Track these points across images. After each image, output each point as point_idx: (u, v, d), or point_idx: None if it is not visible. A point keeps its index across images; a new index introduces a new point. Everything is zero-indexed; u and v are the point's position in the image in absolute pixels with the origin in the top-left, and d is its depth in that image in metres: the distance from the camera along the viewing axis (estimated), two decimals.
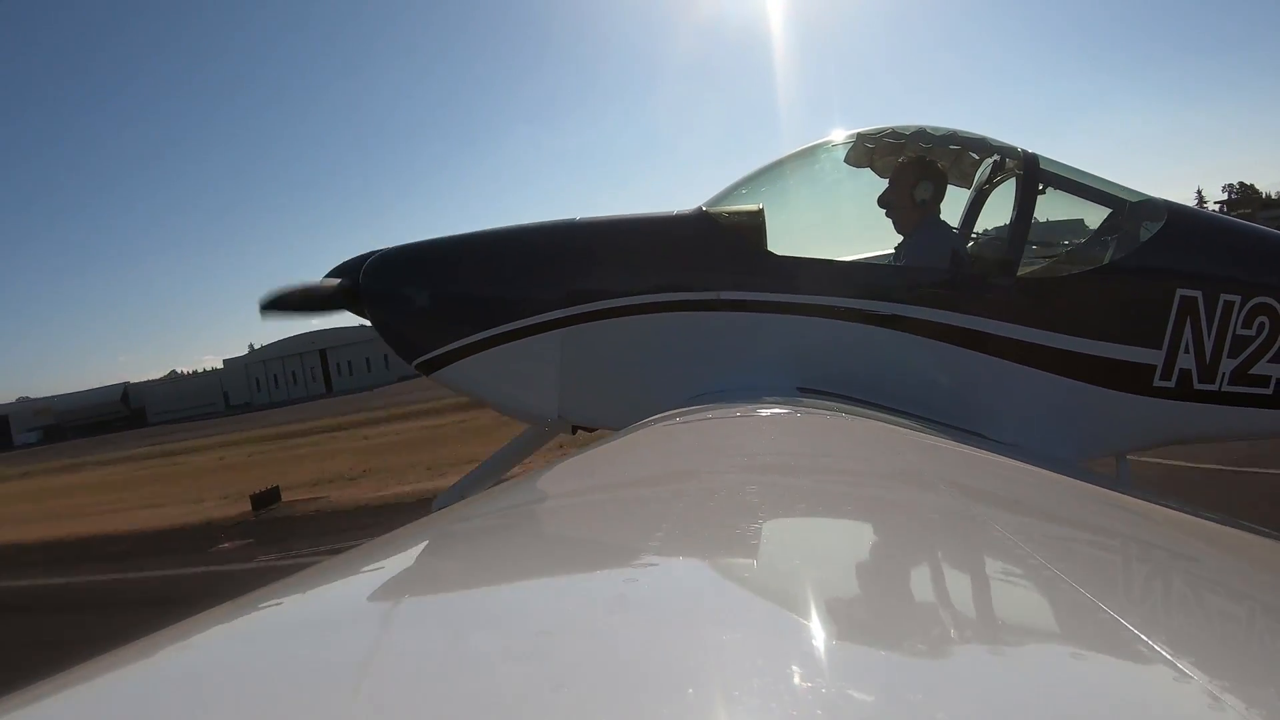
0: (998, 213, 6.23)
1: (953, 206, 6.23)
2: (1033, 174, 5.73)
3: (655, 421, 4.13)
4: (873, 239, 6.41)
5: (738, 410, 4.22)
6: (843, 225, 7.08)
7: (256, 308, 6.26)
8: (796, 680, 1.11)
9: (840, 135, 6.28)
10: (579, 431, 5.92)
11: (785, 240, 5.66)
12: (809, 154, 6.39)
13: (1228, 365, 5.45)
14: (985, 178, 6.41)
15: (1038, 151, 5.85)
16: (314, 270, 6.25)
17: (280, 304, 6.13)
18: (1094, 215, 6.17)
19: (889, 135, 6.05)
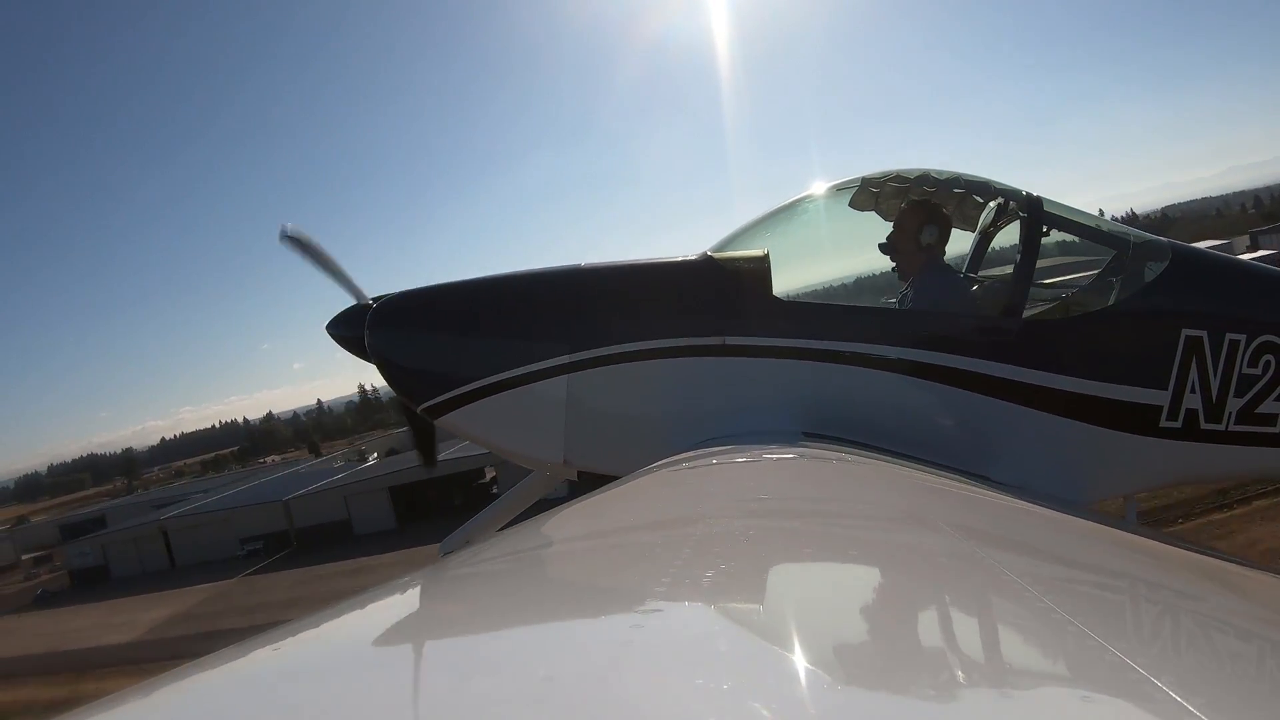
0: (1002, 256, 6.25)
1: (957, 250, 6.25)
2: (1037, 217, 5.74)
3: (660, 467, 4.12)
4: (878, 283, 6.43)
5: (743, 455, 4.21)
6: (848, 269, 7.09)
7: None
8: None
9: (841, 181, 6.31)
10: (584, 477, 5.90)
11: (790, 285, 5.67)
12: (813, 199, 6.42)
13: (1234, 404, 5.43)
14: (990, 221, 6.43)
15: (1035, 187, 5.88)
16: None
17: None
18: (1098, 257, 6.18)
19: (893, 179, 6.08)
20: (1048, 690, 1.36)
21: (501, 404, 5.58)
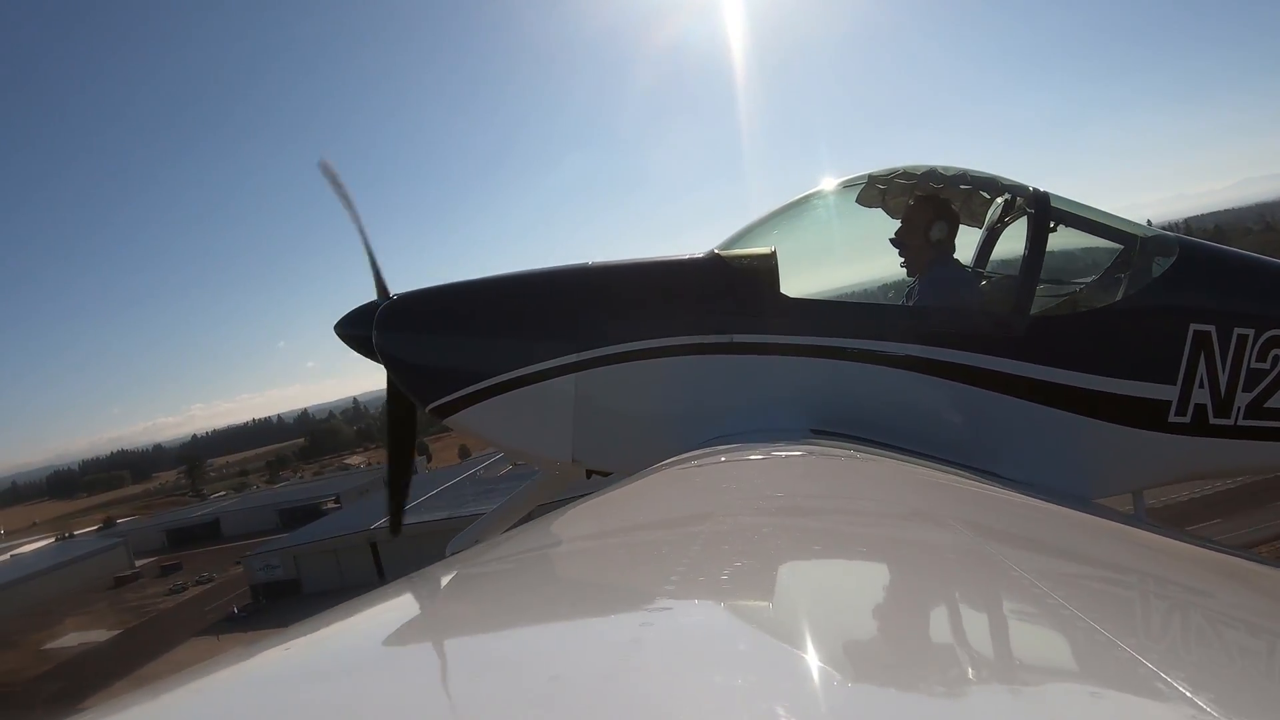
0: (1010, 252, 6.22)
1: (964, 246, 6.23)
2: (1044, 212, 5.72)
3: (669, 465, 4.12)
4: (885, 280, 6.42)
5: (751, 453, 4.21)
6: (855, 266, 7.08)
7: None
8: None
9: (848, 178, 6.29)
10: (593, 476, 5.90)
11: (798, 282, 5.66)
12: (820, 196, 6.40)
13: (1243, 399, 5.41)
14: (997, 217, 6.41)
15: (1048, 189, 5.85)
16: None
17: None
18: (1106, 252, 6.16)
19: (900, 176, 6.06)
20: (1058, 686, 1.36)
21: (510, 403, 5.59)
